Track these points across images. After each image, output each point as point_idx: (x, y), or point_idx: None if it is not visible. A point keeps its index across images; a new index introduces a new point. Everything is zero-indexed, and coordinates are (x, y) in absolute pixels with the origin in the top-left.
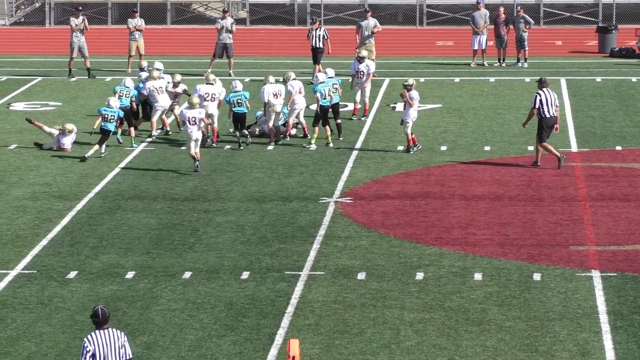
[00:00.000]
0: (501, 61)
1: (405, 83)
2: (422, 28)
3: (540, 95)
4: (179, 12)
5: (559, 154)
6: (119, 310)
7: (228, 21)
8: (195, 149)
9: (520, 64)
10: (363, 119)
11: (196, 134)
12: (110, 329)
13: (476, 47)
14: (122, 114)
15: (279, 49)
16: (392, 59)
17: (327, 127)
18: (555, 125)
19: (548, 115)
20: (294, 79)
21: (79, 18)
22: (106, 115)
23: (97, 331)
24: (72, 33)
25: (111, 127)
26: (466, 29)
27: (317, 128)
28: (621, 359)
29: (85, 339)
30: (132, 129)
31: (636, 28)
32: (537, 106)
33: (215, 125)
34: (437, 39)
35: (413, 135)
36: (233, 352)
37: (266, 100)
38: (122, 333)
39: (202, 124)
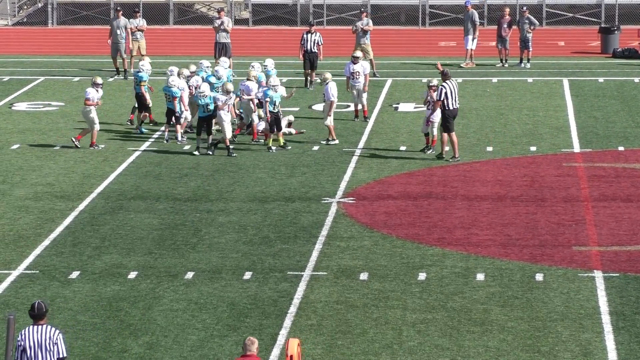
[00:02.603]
0: (504, 62)
1: (430, 84)
2: (424, 29)
3: (445, 88)
4: (181, 13)
5: (457, 155)
6: (122, 311)
7: (224, 20)
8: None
9: (523, 65)
10: (357, 120)
11: (219, 118)
12: (45, 326)
13: (468, 47)
14: (178, 93)
15: (281, 50)
16: (394, 59)
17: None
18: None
19: (452, 107)
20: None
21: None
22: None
23: (31, 326)
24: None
25: (170, 105)
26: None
27: (280, 133)
28: None
29: (19, 334)
30: (133, 116)
31: (639, 29)
32: (442, 98)
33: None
34: (439, 40)
35: (434, 137)
36: (235, 353)
37: (334, 99)
38: (57, 331)
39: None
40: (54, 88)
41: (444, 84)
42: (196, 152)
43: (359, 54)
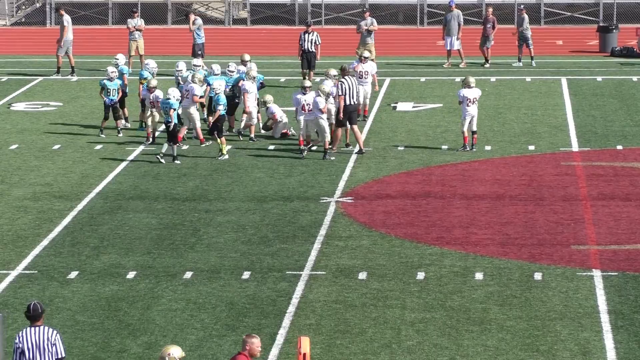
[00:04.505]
0: (485, 62)
1: (469, 83)
2: (422, 28)
3: (344, 84)
4: (179, 12)
5: (337, 145)
6: (120, 310)
7: (197, 22)
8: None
9: (520, 64)
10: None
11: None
12: (42, 327)
13: (448, 48)
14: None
15: (280, 49)
16: (392, 59)
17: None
18: (360, 110)
19: (350, 103)
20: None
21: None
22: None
23: (28, 328)
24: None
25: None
26: (467, 28)
27: (223, 138)
28: (622, 359)
29: (16, 336)
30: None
31: (637, 27)
32: (342, 93)
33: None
34: (437, 39)
35: (466, 135)
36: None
37: None
38: (55, 332)
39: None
40: (52, 88)
41: (342, 79)
42: (178, 162)
43: (367, 54)
